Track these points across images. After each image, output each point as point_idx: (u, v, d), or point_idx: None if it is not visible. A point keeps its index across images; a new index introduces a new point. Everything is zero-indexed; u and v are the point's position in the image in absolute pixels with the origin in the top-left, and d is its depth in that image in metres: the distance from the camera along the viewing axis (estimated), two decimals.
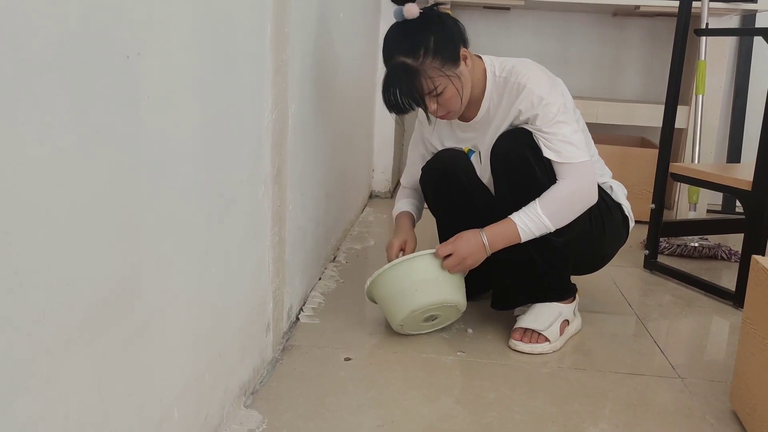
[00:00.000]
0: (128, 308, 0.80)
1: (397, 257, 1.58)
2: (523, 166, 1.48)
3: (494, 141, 1.54)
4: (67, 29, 0.64)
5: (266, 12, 1.24)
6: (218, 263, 1.08)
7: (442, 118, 1.54)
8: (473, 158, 1.65)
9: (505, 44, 3.20)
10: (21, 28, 0.58)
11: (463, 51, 1.49)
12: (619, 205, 1.64)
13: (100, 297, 0.74)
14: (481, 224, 1.52)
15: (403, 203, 1.77)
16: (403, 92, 1.44)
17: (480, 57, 1.57)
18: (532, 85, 1.48)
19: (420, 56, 1.43)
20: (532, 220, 1.46)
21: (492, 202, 1.61)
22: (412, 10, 1.43)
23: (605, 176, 1.66)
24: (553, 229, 1.48)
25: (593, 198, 1.51)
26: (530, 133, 1.49)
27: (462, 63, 1.48)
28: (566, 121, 1.47)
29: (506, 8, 3.11)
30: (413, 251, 1.62)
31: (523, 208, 1.48)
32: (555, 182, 1.48)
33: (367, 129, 2.80)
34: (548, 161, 1.47)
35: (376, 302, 1.60)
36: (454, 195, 1.65)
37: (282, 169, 1.40)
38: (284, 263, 1.47)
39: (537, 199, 1.47)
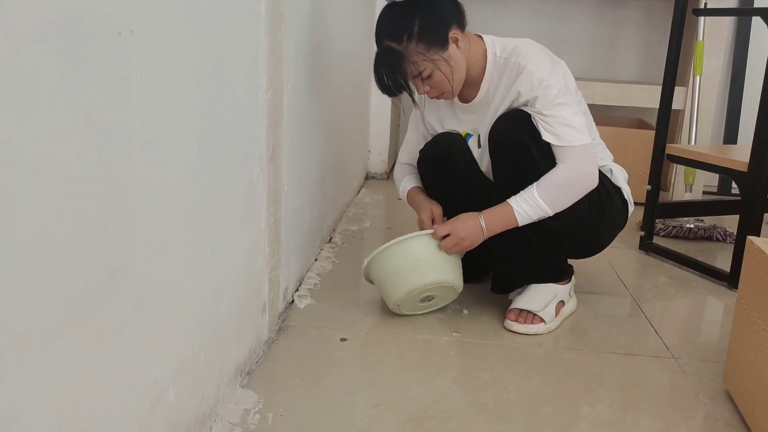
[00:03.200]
0: (121, 288, 0.80)
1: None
2: (521, 149, 1.46)
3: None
4: (57, 5, 0.63)
5: None
6: (213, 243, 1.08)
7: (437, 98, 1.54)
8: (472, 142, 1.63)
9: (502, 24, 3.17)
10: (10, 2, 0.57)
11: (453, 33, 1.46)
12: (618, 189, 1.62)
13: (93, 277, 0.73)
14: (477, 209, 1.51)
15: (409, 180, 1.74)
16: (388, 76, 1.44)
17: (481, 37, 1.54)
18: (532, 66, 1.45)
19: (403, 41, 1.43)
20: (529, 205, 1.45)
21: (488, 188, 1.59)
22: None
23: (606, 159, 1.63)
24: (551, 213, 1.46)
25: (593, 182, 1.49)
26: (529, 115, 1.47)
27: (452, 45, 1.46)
28: (566, 103, 1.45)
29: None
30: (441, 216, 1.62)
31: (521, 192, 1.46)
32: (554, 165, 1.46)
33: (363, 110, 2.78)
34: (547, 144, 1.45)
35: (373, 282, 1.61)
36: (451, 179, 1.63)
37: (277, 150, 1.39)
38: (280, 244, 1.47)
39: (534, 184, 1.46)
